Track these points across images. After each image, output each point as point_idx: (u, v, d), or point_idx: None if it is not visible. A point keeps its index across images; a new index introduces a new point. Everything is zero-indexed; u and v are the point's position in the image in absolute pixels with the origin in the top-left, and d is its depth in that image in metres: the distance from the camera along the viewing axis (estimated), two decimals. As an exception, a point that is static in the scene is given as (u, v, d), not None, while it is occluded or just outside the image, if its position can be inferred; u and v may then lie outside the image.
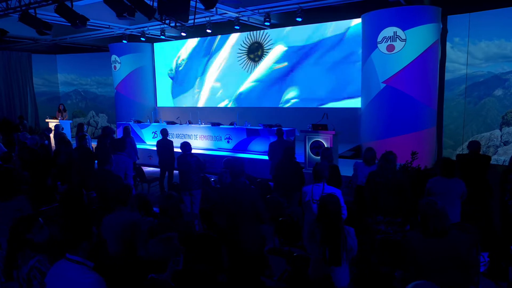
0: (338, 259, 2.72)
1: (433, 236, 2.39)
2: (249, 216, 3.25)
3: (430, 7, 8.58)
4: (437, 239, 2.38)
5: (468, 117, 9.74)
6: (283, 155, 5.35)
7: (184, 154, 5.50)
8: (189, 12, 4.62)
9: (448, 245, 2.36)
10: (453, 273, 2.34)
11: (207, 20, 9.82)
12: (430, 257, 2.38)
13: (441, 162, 4.26)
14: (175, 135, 10.37)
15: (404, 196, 3.95)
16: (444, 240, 2.37)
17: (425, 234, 2.43)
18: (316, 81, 11.13)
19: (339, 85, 10.91)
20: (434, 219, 2.40)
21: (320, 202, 2.82)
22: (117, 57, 12.97)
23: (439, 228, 2.38)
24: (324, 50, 10.94)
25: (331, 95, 10.99)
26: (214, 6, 4.60)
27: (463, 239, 2.41)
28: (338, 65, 10.85)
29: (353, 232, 2.79)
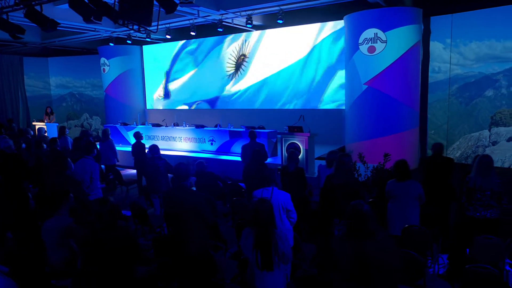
0: (270, 263, 2.73)
1: (358, 238, 2.40)
2: (193, 219, 3.27)
3: (410, 9, 8.57)
4: (361, 241, 2.38)
5: (461, 118, 9.73)
6: (251, 157, 5.36)
7: (152, 157, 5.52)
8: (152, 16, 4.65)
9: (372, 248, 2.35)
10: (376, 276, 2.34)
11: (191, 22, 9.88)
12: (355, 259, 2.38)
13: (394, 165, 4.26)
14: (160, 138, 10.42)
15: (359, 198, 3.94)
16: (369, 243, 2.37)
17: (351, 237, 2.43)
18: (301, 83, 11.13)
19: (325, 87, 10.90)
20: (358, 222, 2.40)
21: (253, 207, 2.84)
22: (106, 60, 13.06)
23: (363, 231, 2.38)
24: (310, 51, 10.94)
25: (316, 96, 10.99)
26: (174, 11, 4.62)
27: (387, 243, 2.41)
28: (325, 66, 10.84)
29: (285, 236, 2.80)
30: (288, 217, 3.61)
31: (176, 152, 9.94)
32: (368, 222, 2.37)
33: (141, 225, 5.24)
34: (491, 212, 3.90)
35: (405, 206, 4.21)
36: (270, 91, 11.61)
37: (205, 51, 12.50)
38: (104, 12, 4.83)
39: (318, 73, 10.91)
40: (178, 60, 13.11)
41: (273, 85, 11.54)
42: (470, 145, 9.66)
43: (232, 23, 9.98)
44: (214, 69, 12.37)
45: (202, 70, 12.66)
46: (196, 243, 3.29)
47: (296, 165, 4.98)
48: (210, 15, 9.30)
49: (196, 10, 8.85)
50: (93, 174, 4.83)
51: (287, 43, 11.11)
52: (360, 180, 6.25)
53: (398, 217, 4.24)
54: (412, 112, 8.90)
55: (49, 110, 11.65)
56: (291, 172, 4.97)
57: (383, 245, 2.39)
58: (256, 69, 11.70)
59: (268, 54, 11.43)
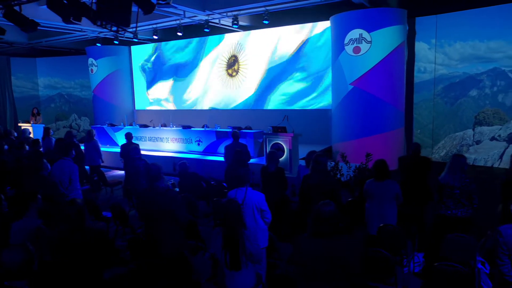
0: (238, 263, 2.75)
1: (320, 237, 2.42)
2: (166, 220, 3.28)
3: (395, 9, 8.64)
4: (323, 240, 2.41)
5: (446, 117, 9.85)
6: (233, 158, 5.37)
7: (133, 158, 5.50)
8: (130, 17, 4.65)
9: (333, 247, 2.38)
10: (337, 275, 2.37)
11: (178, 23, 9.87)
12: (316, 258, 2.41)
13: (374, 165, 4.30)
14: (147, 138, 10.40)
15: (335, 198, 3.98)
16: (330, 242, 2.39)
17: (313, 235, 2.46)
18: (288, 83, 11.17)
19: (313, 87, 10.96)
20: (320, 221, 2.42)
21: (223, 208, 2.85)
22: (93, 60, 13.00)
23: (325, 230, 2.40)
24: (298, 52, 10.99)
25: (303, 96, 11.04)
26: (152, 11, 4.62)
27: (349, 242, 2.43)
28: (313, 66, 10.89)
29: (254, 237, 2.82)
30: (263, 217, 3.62)
31: (164, 153, 9.94)
32: (331, 221, 2.39)
33: (122, 226, 5.23)
34: (462, 211, 3.95)
35: (382, 205, 4.25)
36: (258, 91, 11.63)
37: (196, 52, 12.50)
38: (83, 12, 4.82)
39: (306, 73, 10.96)
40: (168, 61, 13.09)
41: (262, 85, 11.56)
42: (454, 144, 9.78)
43: (219, 24, 9.99)
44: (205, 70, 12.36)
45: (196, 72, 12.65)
46: (169, 244, 3.30)
47: (277, 165, 5.00)
48: (196, 16, 9.30)
49: (182, 11, 8.85)
50: (72, 176, 4.81)
51: (275, 43, 11.14)
52: (342, 180, 6.30)
53: (375, 216, 4.27)
54: (397, 112, 8.97)
55: (35, 111, 11.56)
56: (271, 172, 4.99)
57: (347, 244, 2.41)
58: (245, 69, 11.71)
59: (256, 55, 11.44)
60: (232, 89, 12.01)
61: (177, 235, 3.36)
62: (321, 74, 10.74)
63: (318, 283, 2.39)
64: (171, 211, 3.24)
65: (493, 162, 9.20)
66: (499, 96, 9.19)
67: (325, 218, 2.39)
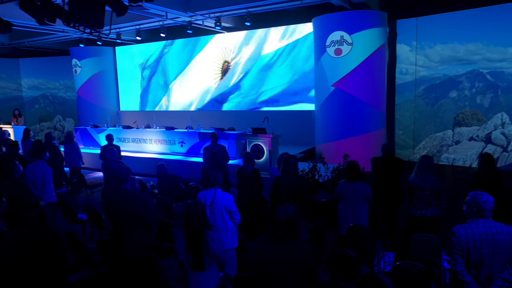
0: (202, 264, 2.77)
1: (276, 240, 2.45)
2: (133, 222, 3.28)
3: (375, 12, 8.75)
4: (280, 244, 2.43)
5: (427, 118, 10.00)
6: (208, 159, 5.39)
7: (109, 160, 5.48)
8: (103, 18, 4.63)
9: (289, 251, 2.40)
10: (292, 279, 2.40)
11: (161, 24, 9.85)
12: (272, 261, 2.43)
13: (346, 166, 4.35)
14: (131, 140, 10.34)
15: (304, 199, 4.03)
16: (286, 246, 2.42)
17: (271, 239, 2.48)
18: (273, 85, 11.22)
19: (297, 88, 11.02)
20: (277, 224, 2.45)
21: (185, 209, 2.87)
22: (77, 61, 12.88)
23: (281, 234, 2.43)
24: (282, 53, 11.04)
25: (288, 98, 11.10)
26: (125, 13, 4.62)
27: (305, 246, 2.46)
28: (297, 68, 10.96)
29: (217, 237, 2.84)
30: (232, 218, 3.65)
31: (147, 154, 9.89)
32: (287, 225, 2.42)
33: (97, 228, 5.20)
34: (431, 211, 4.03)
35: (354, 206, 4.30)
36: (242, 92, 11.65)
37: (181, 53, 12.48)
38: (57, 14, 4.79)
39: (290, 75, 11.02)
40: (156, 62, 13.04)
41: (246, 86, 11.59)
42: (435, 145, 9.94)
43: (203, 25, 10.00)
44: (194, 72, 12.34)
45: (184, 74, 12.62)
46: (136, 246, 3.30)
47: (252, 166, 5.04)
48: (179, 17, 9.29)
49: (164, 12, 8.84)
50: (45, 178, 4.78)
51: (260, 44, 11.18)
52: (321, 180, 6.36)
53: (347, 217, 4.33)
54: (378, 113, 9.08)
55: (17, 112, 11.40)
56: (247, 174, 5.02)
57: (302, 247, 2.44)
58: (231, 70, 11.74)
59: (242, 56, 11.47)
60: (217, 90, 12.02)
61: (144, 237, 3.36)
62: (307, 75, 10.81)
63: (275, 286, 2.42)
64: (137, 213, 3.25)
65: (471, 162, 9.37)
66: (477, 97, 9.38)
67: (282, 221, 2.41)
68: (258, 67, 11.34)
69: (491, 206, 2.49)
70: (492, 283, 2.50)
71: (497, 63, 8.98)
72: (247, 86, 11.57)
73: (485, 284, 2.51)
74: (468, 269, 2.54)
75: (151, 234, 3.52)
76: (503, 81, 8.91)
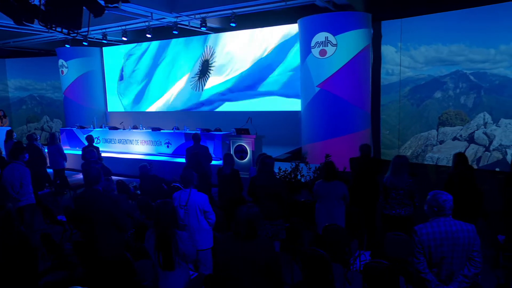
0: (171, 263, 2.79)
1: (239, 239, 2.48)
2: (106, 223, 3.29)
3: (360, 13, 8.83)
4: (241, 242, 2.47)
5: (412, 118, 10.12)
6: (189, 160, 5.40)
7: (88, 161, 5.46)
8: (81, 19, 4.62)
9: (249, 249, 2.44)
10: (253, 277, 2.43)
11: (147, 25, 9.83)
12: (233, 259, 2.47)
13: (322, 166, 4.40)
14: (117, 141, 10.30)
15: (281, 199, 4.07)
16: (247, 244, 2.45)
17: (235, 237, 2.52)
18: (260, 85, 11.27)
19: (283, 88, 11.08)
20: (239, 223, 2.49)
21: (154, 209, 2.89)
22: (64, 62, 12.79)
23: (243, 232, 2.46)
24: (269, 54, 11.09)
25: (274, 98, 11.15)
26: (102, 14, 4.62)
27: (266, 245, 2.49)
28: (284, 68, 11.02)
29: (187, 237, 2.86)
30: (206, 218, 3.68)
31: (133, 155, 9.86)
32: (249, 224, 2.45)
33: (77, 230, 5.18)
34: (405, 210, 4.09)
35: (330, 205, 4.35)
36: (229, 93, 11.68)
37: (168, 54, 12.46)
38: (34, 14, 4.75)
39: (277, 75, 11.07)
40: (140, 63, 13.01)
41: (233, 87, 11.61)
42: (420, 144, 10.07)
43: (188, 26, 10.00)
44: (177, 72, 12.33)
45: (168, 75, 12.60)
46: (109, 246, 3.31)
47: (232, 167, 5.06)
48: (165, 18, 9.29)
49: (149, 13, 8.83)
50: (23, 180, 4.75)
51: (245, 45, 11.21)
52: (302, 181, 6.42)
53: (324, 216, 4.37)
54: (363, 113, 9.16)
55: (1, 113, 11.28)
56: (227, 174, 5.05)
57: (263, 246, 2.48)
58: (216, 71, 11.75)
59: (228, 57, 11.49)
60: (204, 91, 12.02)
61: (117, 237, 3.37)
62: (293, 76, 10.87)
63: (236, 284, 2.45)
64: (109, 214, 3.26)
65: (455, 161, 9.48)
66: (461, 98, 9.52)
67: (243, 220, 2.45)
68: (246, 67, 11.36)
69: (450, 205, 2.54)
70: (453, 280, 2.56)
71: (480, 64, 9.12)
72: (235, 86, 11.59)
73: (447, 281, 2.56)
74: (430, 267, 2.59)
75: (124, 235, 3.52)
76: (485, 82, 9.05)
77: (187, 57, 12.13)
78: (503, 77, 8.82)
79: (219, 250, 2.54)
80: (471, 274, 2.53)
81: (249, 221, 2.44)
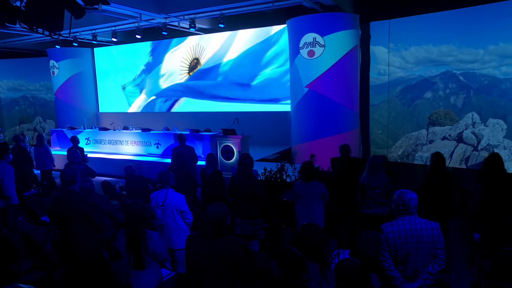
0: (142, 262, 2.82)
1: (206, 237, 2.52)
2: (82, 223, 3.31)
3: (347, 14, 8.88)
4: (209, 240, 2.50)
5: (403, 118, 10.18)
6: (173, 160, 5.43)
7: (71, 161, 5.48)
8: (62, 21, 4.63)
9: (217, 247, 2.47)
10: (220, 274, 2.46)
11: (136, 26, 9.85)
12: (201, 257, 2.50)
13: (301, 167, 4.44)
14: (107, 141, 10.31)
15: (259, 199, 4.10)
16: (214, 242, 2.49)
17: (204, 235, 2.55)
18: (250, 86, 11.31)
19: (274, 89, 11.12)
20: (207, 222, 2.52)
21: (125, 209, 2.91)
22: (55, 63, 12.79)
23: (210, 231, 2.50)
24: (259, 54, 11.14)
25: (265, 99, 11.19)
26: (83, 16, 4.64)
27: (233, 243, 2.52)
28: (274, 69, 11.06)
29: (157, 237, 2.89)
30: (183, 218, 3.71)
31: (123, 156, 9.87)
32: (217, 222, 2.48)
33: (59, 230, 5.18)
34: (382, 209, 4.13)
35: (310, 205, 4.39)
36: (220, 93, 11.71)
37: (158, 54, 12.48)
38: (17, 15, 4.76)
39: (268, 76, 11.11)
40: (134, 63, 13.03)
41: (223, 87, 11.65)
42: (410, 144, 10.14)
43: (178, 27, 10.03)
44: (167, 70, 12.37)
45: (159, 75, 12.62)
46: (84, 246, 3.33)
47: (214, 168, 5.09)
48: (154, 19, 9.31)
49: (138, 14, 8.85)
50: (4, 179, 4.75)
51: (235, 44, 11.25)
52: (288, 180, 6.45)
53: (304, 216, 4.41)
54: (351, 113, 9.21)
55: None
56: (209, 174, 5.08)
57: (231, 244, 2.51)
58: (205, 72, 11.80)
59: (218, 57, 11.53)
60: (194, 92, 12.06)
61: (93, 237, 3.39)
62: (283, 76, 10.92)
63: (205, 281, 2.48)
64: (85, 214, 3.28)
65: (443, 161, 9.55)
66: (451, 98, 9.59)
67: (210, 219, 2.48)
68: (235, 67, 11.40)
69: (415, 203, 2.58)
70: (418, 277, 2.60)
71: (469, 64, 9.19)
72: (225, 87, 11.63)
73: (412, 278, 2.60)
74: (396, 265, 2.63)
75: (102, 235, 3.55)
76: (474, 82, 9.13)
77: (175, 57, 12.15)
78: (492, 77, 8.89)
79: (188, 248, 2.58)
80: (435, 271, 2.57)
81: (216, 220, 2.47)
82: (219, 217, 2.47)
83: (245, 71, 11.33)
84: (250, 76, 11.31)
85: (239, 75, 11.43)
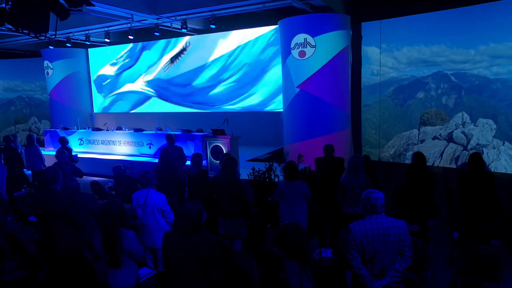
0: (118, 261, 2.87)
1: (180, 234, 2.57)
2: (62, 222, 3.36)
3: (338, 15, 8.92)
4: (182, 237, 2.56)
5: (396, 118, 10.26)
6: (160, 161, 5.48)
7: (59, 162, 5.53)
8: (48, 22, 4.68)
9: (189, 243, 2.53)
10: (193, 269, 2.52)
11: (129, 26, 9.89)
12: (174, 253, 2.56)
13: (284, 166, 4.49)
14: (100, 142, 10.36)
15: (239, 199, 4.15)
16: (187, 239, 2.54)
17: (178, 232, 2.60)
18: (242, 86, 11.36)
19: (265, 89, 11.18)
20: (181, 218, 2.58)
21: (100, 209, 2.97)
22: (49, 63, 12.83)
23: (184, 228, 2.55)
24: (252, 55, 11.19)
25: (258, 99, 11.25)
26: (67, 18, 4.69)
27: (206, 239, 2.57)
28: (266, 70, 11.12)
29: (132, 236, 2.94)
30: (164, 217, 3.76)
31: (116, 156, 9.91)
32: (190, 219, 2.54)
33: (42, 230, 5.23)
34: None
35: (293, 204, 4.44)
36: (211, 94, 11.77)
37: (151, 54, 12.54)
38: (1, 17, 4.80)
39: (260, 76, 11.16)
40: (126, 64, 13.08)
41: (215, 87, 11.71)
42: (402, 143, 10.21)
43: (171, 27, 10.07)
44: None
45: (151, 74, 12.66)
46: (65, 245, 3.38)
47: (199, 168, 5.14)
48: (146, 20, 9.35)
49: (130, 14, 8.89)
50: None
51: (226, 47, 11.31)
52: (276, 180, 6.50)
53: (287, 215, 4.46)
54: (342, 113, 9.25)
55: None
56: (194, 174, 5.13)
57: (202, 240, 2.56)
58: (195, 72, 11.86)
59: (213, 57, 11.58)
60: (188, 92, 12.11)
61: (74, 237, 3.44)
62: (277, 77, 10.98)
63: (180, 278, 2.54)
64: (66, 213, 3.33)
65: (434, 160, 9.64)
66: (443, 98, 9.66)
67: (184, 216, 2.53)
68: (230, 67, 11.45)
69: (382, 202, 2.64)
70: (385, 275, 2.65)
71: (460, 64, 9.26)
72: (219, 87, 11.68)
73: (379, 276, 2.66)
74: (364, 263, 2.68)
75: (84, 234, 3.60)
76: (466, 82, 9.19)
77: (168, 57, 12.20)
78: (483, 77, 8.96)
79: (165, 245, 2.63)
80: (402, 269, 2.63)
81: (190, 217, 2.52)
82: (194, 214, 2.53)
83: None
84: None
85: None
